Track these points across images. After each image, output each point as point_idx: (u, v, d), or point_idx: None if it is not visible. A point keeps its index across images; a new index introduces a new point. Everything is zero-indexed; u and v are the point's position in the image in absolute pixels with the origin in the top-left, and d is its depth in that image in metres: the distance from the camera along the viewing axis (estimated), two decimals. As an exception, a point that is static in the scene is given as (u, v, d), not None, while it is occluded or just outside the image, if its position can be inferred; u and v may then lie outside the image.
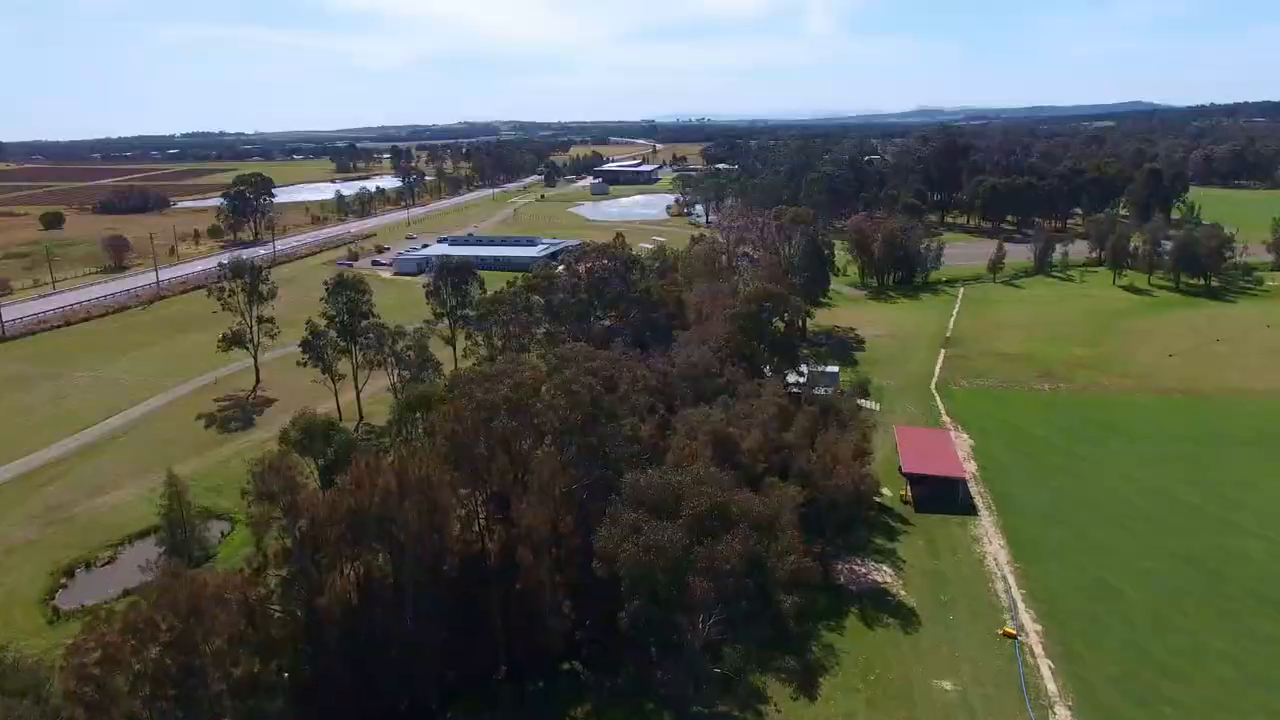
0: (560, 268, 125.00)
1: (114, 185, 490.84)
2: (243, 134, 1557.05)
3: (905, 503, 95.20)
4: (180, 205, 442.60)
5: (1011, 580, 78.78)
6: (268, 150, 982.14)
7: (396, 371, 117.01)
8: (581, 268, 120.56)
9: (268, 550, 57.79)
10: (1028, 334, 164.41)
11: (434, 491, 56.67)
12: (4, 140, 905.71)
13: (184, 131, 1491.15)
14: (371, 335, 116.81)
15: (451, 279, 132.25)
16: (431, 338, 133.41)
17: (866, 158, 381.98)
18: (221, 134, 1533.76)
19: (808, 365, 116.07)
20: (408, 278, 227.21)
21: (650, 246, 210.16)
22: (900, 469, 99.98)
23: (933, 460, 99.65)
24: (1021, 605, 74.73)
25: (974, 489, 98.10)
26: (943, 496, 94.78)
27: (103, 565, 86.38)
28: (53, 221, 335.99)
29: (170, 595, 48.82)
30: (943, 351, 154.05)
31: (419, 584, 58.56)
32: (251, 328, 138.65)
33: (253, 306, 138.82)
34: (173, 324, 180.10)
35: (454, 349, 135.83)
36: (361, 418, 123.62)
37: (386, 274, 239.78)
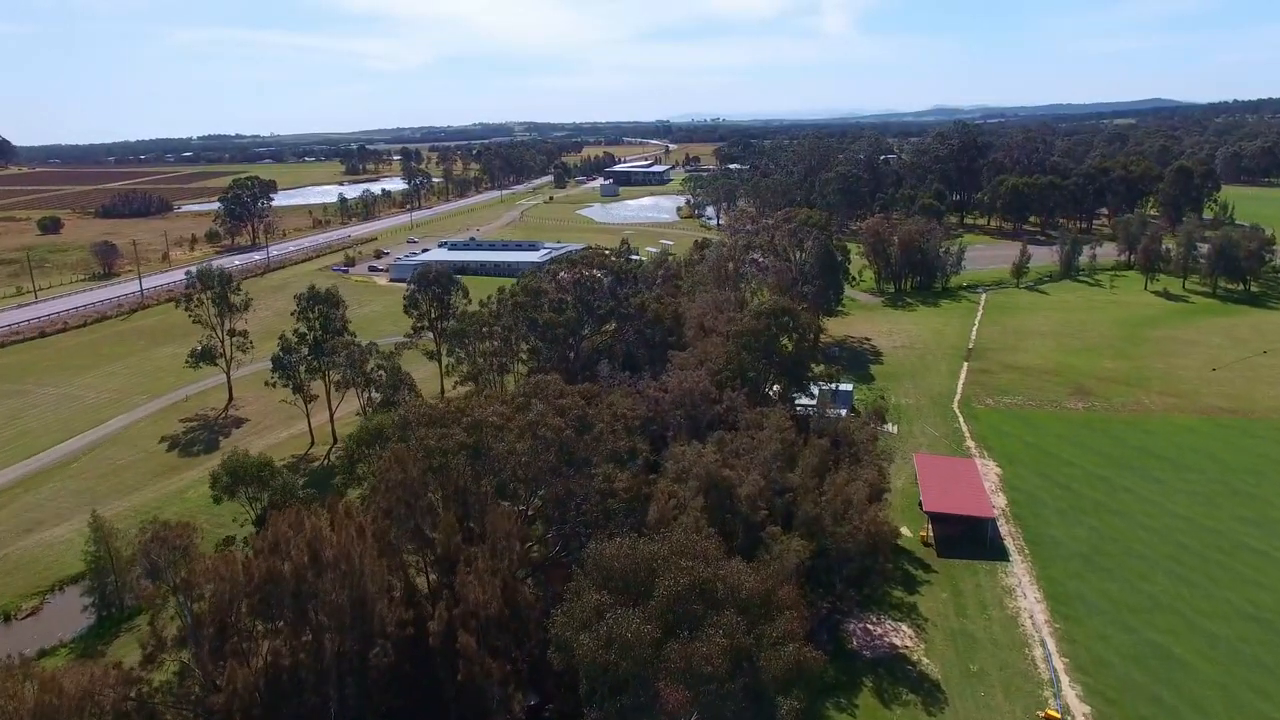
0: (548, 281, 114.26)
1: (119, 189, 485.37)
2: (258, 136, 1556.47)
3: (926, 544, 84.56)
4: (184, 209, 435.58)
5: (1052, 645, 68.05)
6: (280, 152, 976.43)
7: (367, 394, 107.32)
8: (568, 278, 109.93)
9: (161, 633, 48.11)
10: (1056, 344, 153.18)
11: (357, 564, 46.83)
12: (24, 144, 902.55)
13: (200, 135, 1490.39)
14: (341, 354, 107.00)
15: (432, 288, 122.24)
16: (412, 352, 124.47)
17: (883, 157, 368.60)
18: (237, 136, 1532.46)
19: (819, 385, 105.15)
20: (404, 284, 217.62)
21: (656, 250, 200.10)
22: (920, 504, 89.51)
23: (957, 496, 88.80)
24: (1065, 678, 63.99)
25: (1004, 528, 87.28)
26: (969, 538, 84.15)
27: (24, 617, 77.24)
28: (50, 226, 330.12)
29: (12, 705, 39.25)
30: (965, 365, 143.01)
31: (343, 671, 48.86)
32: (223, 342, 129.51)
33: (224, 319, 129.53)
34: (150, 336, 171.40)
35: (439, 364, 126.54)
36: (335, 440, 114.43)
37: (382, 280, 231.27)
